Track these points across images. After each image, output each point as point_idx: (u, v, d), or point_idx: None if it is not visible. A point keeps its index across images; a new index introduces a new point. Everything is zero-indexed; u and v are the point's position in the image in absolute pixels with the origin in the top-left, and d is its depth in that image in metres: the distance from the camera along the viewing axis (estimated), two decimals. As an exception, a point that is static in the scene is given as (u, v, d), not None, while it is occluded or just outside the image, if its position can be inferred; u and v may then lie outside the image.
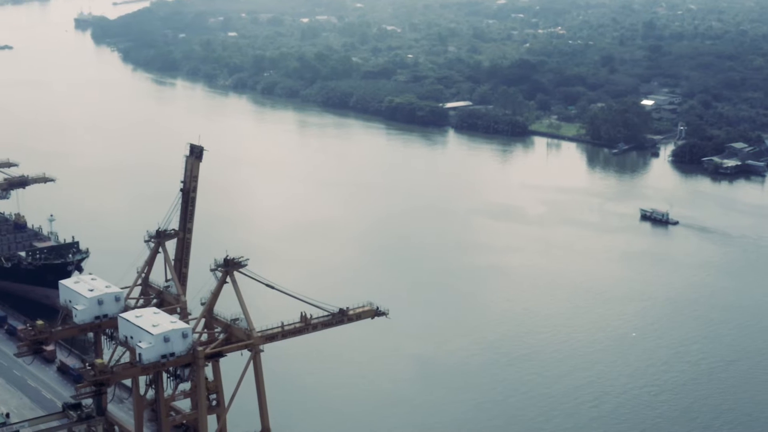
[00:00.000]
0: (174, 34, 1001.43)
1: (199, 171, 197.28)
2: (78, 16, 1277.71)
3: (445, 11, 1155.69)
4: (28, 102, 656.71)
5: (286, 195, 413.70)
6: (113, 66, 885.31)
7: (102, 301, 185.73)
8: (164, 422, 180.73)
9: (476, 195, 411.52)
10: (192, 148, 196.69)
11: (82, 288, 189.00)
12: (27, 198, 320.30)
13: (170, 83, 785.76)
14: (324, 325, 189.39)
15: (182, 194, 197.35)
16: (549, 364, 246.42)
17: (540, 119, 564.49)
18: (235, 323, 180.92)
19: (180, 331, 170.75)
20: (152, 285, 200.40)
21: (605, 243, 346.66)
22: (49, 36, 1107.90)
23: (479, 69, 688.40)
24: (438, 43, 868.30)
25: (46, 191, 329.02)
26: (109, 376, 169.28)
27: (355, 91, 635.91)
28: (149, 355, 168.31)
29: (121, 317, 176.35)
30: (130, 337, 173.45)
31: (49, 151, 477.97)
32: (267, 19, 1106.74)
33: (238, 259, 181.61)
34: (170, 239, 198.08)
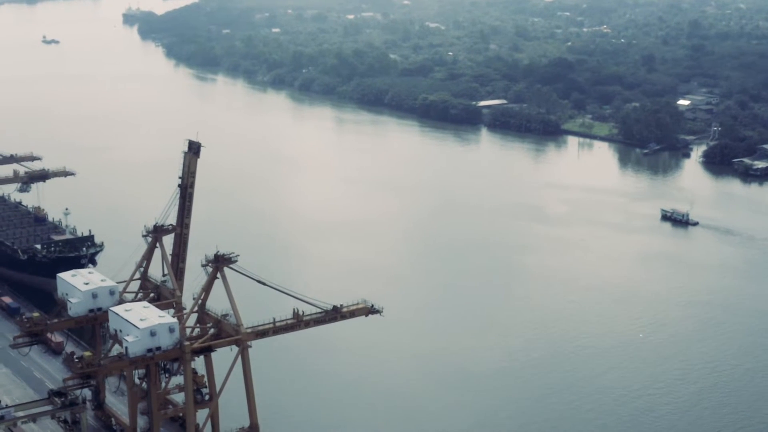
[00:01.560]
0: (218, 29, 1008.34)
1: (196, 167, 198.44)
2: (126, 11, 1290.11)
3: (491, 9, 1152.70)
4: (68, 96, 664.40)
5: (319, 192, 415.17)
6: (156, 61, 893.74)
7: (96, 295, 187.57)
8: (156, 415, 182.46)
9: (501, 193, 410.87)
10: (190, 144, 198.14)
11: (77, 281, 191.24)
12: (59, 191, 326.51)
13: (211, 79, 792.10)
14: (316, 322, 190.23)
15: (180, 190, 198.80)
16: (560, 367, 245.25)
17: (574, 118, 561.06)
18: (225, 319, 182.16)
19: (167, 326, 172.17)
20: (150, 279, 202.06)
21: (622, 243, 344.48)
22: (96, 31, 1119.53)
23: (516, 67, 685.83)
24: (480, 40, 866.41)
25: (71, 185, 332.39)
26: (96, 369, 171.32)
27: (390, 89, 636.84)
28: (135, 348, 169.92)
29: (111, 311, 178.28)
30: (119, 330, 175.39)
31: (84, 144, 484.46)
32: (312, 15, 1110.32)
33: (228, 255, 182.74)
34: (167, 234, 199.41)
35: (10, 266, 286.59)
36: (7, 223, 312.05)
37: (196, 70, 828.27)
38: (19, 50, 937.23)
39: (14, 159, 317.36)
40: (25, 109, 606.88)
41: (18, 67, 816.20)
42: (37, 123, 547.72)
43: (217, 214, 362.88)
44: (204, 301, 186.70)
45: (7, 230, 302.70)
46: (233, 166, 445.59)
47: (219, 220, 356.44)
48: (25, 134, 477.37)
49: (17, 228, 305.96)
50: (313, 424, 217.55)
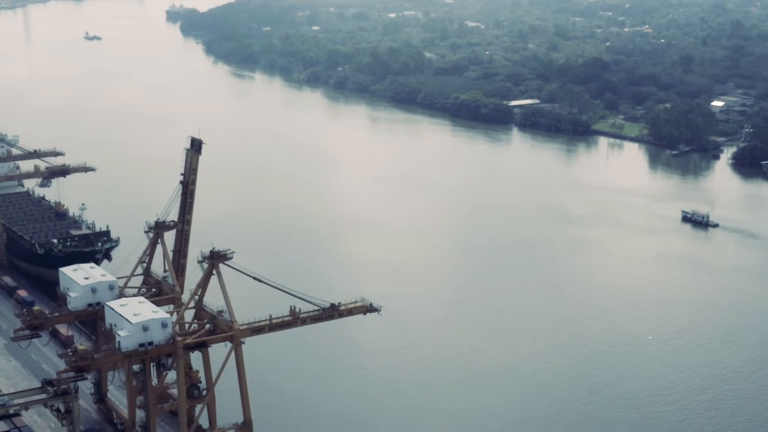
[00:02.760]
0: (259, 27, 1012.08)
1: (198, 164, 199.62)
2: (170, 8, 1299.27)
3: (532, 8, 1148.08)
4: (103, 92, 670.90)
5: (349, 190, 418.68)
6: (195, 58, 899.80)
7: (96, 289, 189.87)
8: (152, 409, 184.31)
9: (526, 193, 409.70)
10: (192, 142, 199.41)
11: (78, 276, 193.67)
12: (82, 186, 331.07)
13: (248, 76, 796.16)
14: (313, 319, 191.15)
15: (182, 186, 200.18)
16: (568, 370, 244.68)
17: (605, 119, 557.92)
18: (221, 315, 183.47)
19: (159, 321, 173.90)
20: (152, 275, 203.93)
21: (640, 244, 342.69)
22: (139, 28, 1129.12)
23: (551, 67, 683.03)
24: (518, 40, 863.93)
25: (94, 181, 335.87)
26: (89, 362, 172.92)
27: (423, 87, 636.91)
28: (127, 343, 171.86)
29: (107, 305, 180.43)
30: (114, 325, 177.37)
31: (113, 140, 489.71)
32: (353, 13, 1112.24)
33: (223, 252, 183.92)
34: (169, 230, 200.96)
35: (28, 260, 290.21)
36: (29, 217, 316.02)
37: (234, 67, 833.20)
38: (61, 47, 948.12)
39: (37, 154, 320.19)
40: (59, 104, 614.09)
41: (58, 63, 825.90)
42: (70, 118, 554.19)
43: (247, 210, 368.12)
44: (201, 297, 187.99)
45: (28, 224, 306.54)
46: (264, 164, 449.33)
47: (248, 216, 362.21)
48: (55, 129, 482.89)
49: (37, 222, 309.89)
50: (309, 421, 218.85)
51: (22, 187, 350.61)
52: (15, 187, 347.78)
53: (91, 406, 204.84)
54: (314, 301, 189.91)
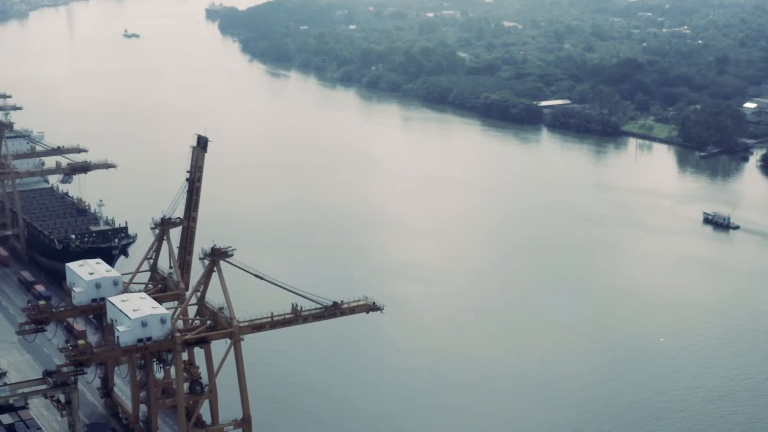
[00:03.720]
0: (296, 25, 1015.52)
1: (204, 161, 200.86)
2: (209, 6, 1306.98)
3: (571, 8, 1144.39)
4: (135, 89, 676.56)
5: (377, 190, 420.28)
6: (231, 56, 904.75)
7: (100, 285, 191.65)
8: (154, 404, 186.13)
9: (549, 194, 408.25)
10: (198, 139, 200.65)
11: (83, 271, 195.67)
12: (106, 183, 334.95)
13: (282, 75, 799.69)
14: (315, 317, 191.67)
15: (188, 184, 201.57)
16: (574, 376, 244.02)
17: (636, 119, 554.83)
18: (221, 312, 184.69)
19: (158, 317, 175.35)
20: (159, 271, 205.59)
21: (659, 245, 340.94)
22: (178, 26, 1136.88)
23: (584, 67, 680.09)
24: (554, 40, 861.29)
25: (116, 177, 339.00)
26: (89, 357, 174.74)
27: (454, 87, 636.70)
28: (126, 338, 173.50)
29: (108, 301, 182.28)
30: (115, 320, 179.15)
31: (141, 137, 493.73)
32: (390, 13, 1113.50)
33: (224, 249, 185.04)
34: (174, 227, 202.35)
35: (48, 255, 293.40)
36: (50, 213, 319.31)
37: (269, 65, 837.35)
38: (100, 44, 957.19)
39: (61, 151, 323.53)
40: (92, 101, 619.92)
41: (95, 61, 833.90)
42: (102, 115, 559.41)
43: (278, 208, 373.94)
44: (203, 294, 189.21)
45: (48, 220, 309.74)
46: (293, 162, 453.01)
47: (278, 214, 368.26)
48: (86, 126, 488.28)
49: (58, 218, 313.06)
50: (306, 418, 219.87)
51: (47, 183, 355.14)
52: (39, 183, 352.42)
53: (98, 401, 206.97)
54: (317, 299, 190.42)
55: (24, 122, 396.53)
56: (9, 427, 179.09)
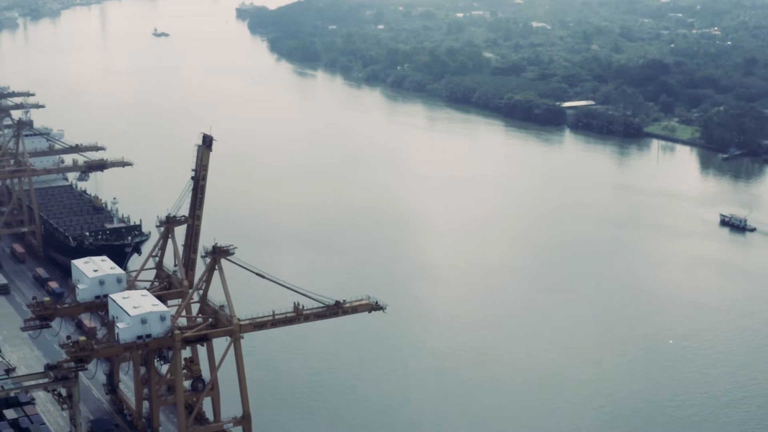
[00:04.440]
0: (324, 25, 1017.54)
1: (209, 160, 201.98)
2: (240, 6, 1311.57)
3: (602, 9, 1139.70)
4: (162, 87, 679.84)
5: (399, 190, 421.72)
6: (259, 56, 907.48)
7: (104, 282, 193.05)
8: (155, 401, 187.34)
9: (568, 195, 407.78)
10: (204, 138, 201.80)
11: (87, 268, 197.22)
12: (129, 181, 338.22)
13: (308, 74, 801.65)
14: (317, 316, 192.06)
15: (193, 182, 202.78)
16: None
17: (659, 121, 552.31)
18: (222, 310, 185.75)
19: (158, 314, 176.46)
20: (164, 269, 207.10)
21: (674, 247, 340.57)
22: (207, 25, 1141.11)
23: (609, 68, 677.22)
24: (582, 41, 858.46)
25: (134, 175, 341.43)
26: (89, 353, 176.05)
27: (478, 87, 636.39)
28: (126, 335, 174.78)
29: (110, 298, 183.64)
30: (115, 317, 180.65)
31: (167, 134, 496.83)
32: (420, 13, 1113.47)
33: (225, 247, 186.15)
34: (179, 225, 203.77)
35: (63, 252, 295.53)
36: (67, 210, 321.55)
37: (296, 65, 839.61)
38: (129, 43, 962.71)
39: (79, 149, 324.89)
40: (118, 99, 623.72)
41: (122, 59, 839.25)
42: (125, 113, 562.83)
43: (300, 207, 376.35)
44: (205, 291, 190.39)
45: (65, 217, 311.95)
46: (316, 161, 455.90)
47: (302, 212, 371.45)
48: (109, 124, 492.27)
49: (75, 216, 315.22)
50: (306, 415, 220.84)
51: (66, 180, 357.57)
52: (59, 181, 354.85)
53: (104, 397, 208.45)
54: (319, 298, 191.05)
55: (46, 120, 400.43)
56: (13, 422, 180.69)
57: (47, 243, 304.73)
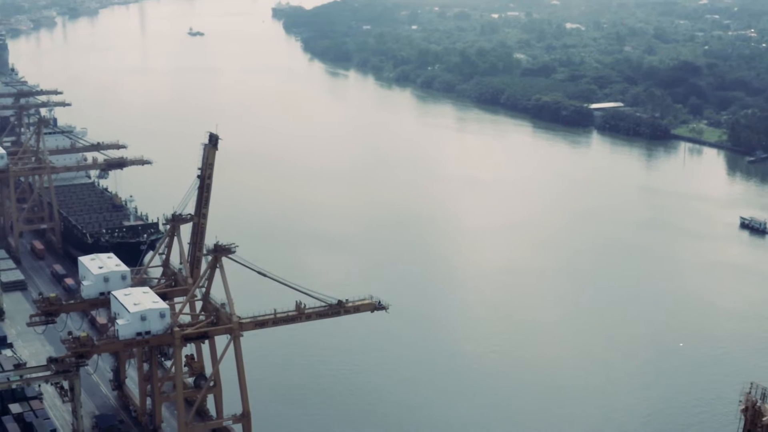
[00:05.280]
0: (359, 25, 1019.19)
1: (215, 159, 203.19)
2: (276, 5, 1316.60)
3: (638, 10, 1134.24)
4: (192, 86, 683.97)
5: (423, 191, 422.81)
6: (292, 55, 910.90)
7: (108, 279, 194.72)
8: (157, 397, 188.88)
9: (592, 197, 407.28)
10: (210, 137, 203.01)
11: (93, 265, 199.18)
12: (152, 178, 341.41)
13: (341, 74, 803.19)
14: (318, 315, 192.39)
15: (199, 181, 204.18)
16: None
17: (687, 123, 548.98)
18: (223, 308, 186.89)
19: (157, 311, 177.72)
20: (171, 267, 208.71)
21: (692, 250, 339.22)
22: (243, 24, 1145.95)
23: (639, 70, 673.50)
24: (615, 42, 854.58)
25: (156, 173, 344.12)
26: (89, 349, 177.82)
27: (507, 88, 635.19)
28: (125, 331, 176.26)
29: (112, 294, 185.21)
30: (116, 313, 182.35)
31: (195, 133, 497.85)
32: (455, 13, 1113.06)
33: (227, 246, 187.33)
34: (185, 223, 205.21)
35: (80, 249, 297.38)
36: (87, 208, 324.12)
37: (328, 65, 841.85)
38: (164, 42, 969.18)
39: (100, 146, 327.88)
40: (148, 97, 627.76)
41: (156, 58, 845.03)
42: (153, 112, 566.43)
43: (329, 207, 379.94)
44: (207, 289, 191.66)
45: (84, 215, 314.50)
46: (344, 161, 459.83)
47: (333, 211, 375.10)
48: (134, 122, 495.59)
49: (94, 213, 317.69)
50: (306, 413, 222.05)
51: (89, 178, 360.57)
52: (81, 179, 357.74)
53: (111, 393, 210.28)
54: (322, 297, 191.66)
55: (73, 118, 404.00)
56: (18, 416, 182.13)
57: (66, 240, 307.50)
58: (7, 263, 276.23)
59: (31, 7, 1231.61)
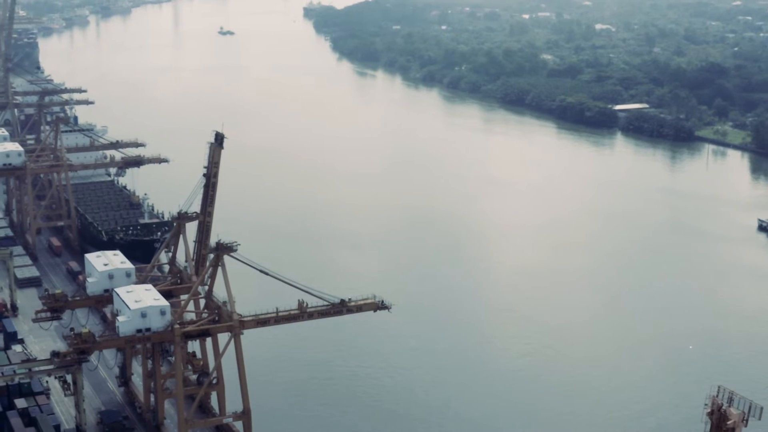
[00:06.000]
0: (389, 25, 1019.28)
1: (220, 157, 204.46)
2: (307, 5, 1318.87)
3: (670, 11, 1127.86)
4: (218, 84, 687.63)
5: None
6: (321, 55, 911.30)
7: (112, 276, 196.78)
8: (160, 393, 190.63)
9: (611, 199, 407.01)
10: (216, 136, 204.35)
11: (98, 262, 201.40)
12: (168, 176, 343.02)
13: (369, 74, 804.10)
14: (321, 314, 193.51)
15: (204, 179, 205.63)
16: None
17: (712, 125, 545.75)
18: (225, 306, 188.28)
19: (158, 308, 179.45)
20: (176, 265, 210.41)
21: (708, 252, 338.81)
22: (274, 24, 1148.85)
23: (666, 71, 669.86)
24: (644, 43, 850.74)
25: (185, 172, 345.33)
26: (91, 345, 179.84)
27: (532, 89, 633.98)
28: (125, 328, 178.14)
29: (114, 291, 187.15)
30: (118, 310, 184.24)
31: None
32: (485, 13, 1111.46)
33: (228, 244, 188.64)
34: (190, 221, 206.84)
35: (96, 246, 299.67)
36: (104, 205, 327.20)
37: (356, 64, 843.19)
38: (194, 41, 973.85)
39: (119, 145, 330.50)
40: (175, 96, 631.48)
41: (185, 57, 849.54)
42: (176, 111, 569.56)
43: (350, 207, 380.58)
44: (210, 287, 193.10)
45: (101, 212, 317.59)
46: (368, 162, 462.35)
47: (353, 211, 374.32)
48: (156, 121, 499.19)
49: (111, 211, 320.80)
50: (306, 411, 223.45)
51: (109, 176, 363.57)
52: (101, 176, 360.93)
53: (118, 390, 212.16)
54: (322, 295, 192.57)
55: (96, 117, 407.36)
56: (23, 411, 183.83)
57: (83, 237, 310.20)
58: (23, 260, 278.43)
59: (64, 6, 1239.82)
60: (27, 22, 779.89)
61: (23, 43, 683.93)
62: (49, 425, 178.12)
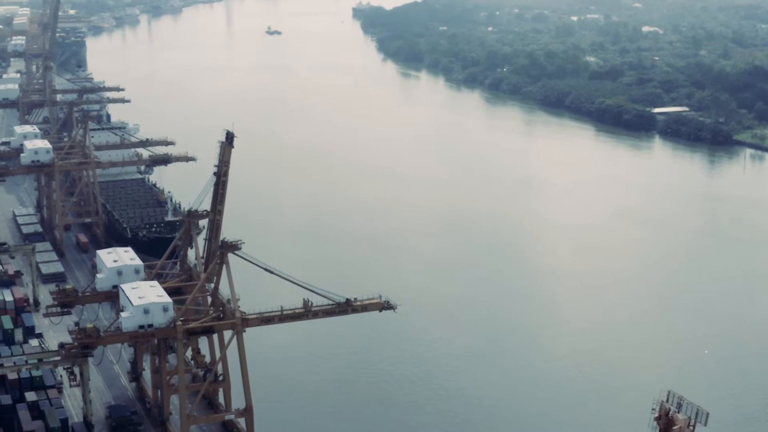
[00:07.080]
0: (436, 26, 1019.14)
1: (230, 156, 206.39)
2: (356, 5, 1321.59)
3: (720, 14, 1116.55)
4: (263, 84, 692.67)
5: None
6: (366, 55, 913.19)
7: (121, 272, 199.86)
8: (165, 389, 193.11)
9: (642, 201, 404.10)
10: (227, 135, 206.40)
11: (108, 259, 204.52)
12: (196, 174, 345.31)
13: (413, 75, 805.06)
14: (325, 313, 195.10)
15: (215, 177, 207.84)
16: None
17: (751, 129, 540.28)
18: (229, 303, 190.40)
19: (161, 305, 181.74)
20: (187, 262, 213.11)
21: (731, 258, 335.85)
22: (322, 24, 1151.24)
23: (709, 74, 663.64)
24: (691, 46, 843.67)
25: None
26: (95, 340, 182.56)
27: (572, 91, 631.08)
28: (128, 324, 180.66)
29: (120, 287, 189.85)
30: (123, 306, 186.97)
31: (250, 131, 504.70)
32: (533, 15, 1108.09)
33: (233, 242, 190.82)
34: (200, 219, 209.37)
35: (121, 243, 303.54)
36: (132, 203, 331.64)
37: (400, 65, 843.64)
38: (242, 40, 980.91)
39: (148, 143, 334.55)
40: (213, 95, 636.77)
41: (231, 56, 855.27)
42: (216, 109, 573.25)
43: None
44: (216, 284, 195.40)
45: (128, 210, 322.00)
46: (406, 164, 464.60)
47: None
48: (194, 119, 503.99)
49: (138, 208, 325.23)
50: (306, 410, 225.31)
51: (140, 174, 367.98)
52: (132, 174, 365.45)
53: (130, 385, 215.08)
54: (328, 295, 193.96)
55: (130, 115, 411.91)
56: (33, 405, 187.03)
57: (109, 234, 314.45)
58: (50, 255, 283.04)
59: (115, 5, 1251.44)
60: (75, 21, 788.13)
61: (71, 41, 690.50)
62: (56, 419, 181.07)
